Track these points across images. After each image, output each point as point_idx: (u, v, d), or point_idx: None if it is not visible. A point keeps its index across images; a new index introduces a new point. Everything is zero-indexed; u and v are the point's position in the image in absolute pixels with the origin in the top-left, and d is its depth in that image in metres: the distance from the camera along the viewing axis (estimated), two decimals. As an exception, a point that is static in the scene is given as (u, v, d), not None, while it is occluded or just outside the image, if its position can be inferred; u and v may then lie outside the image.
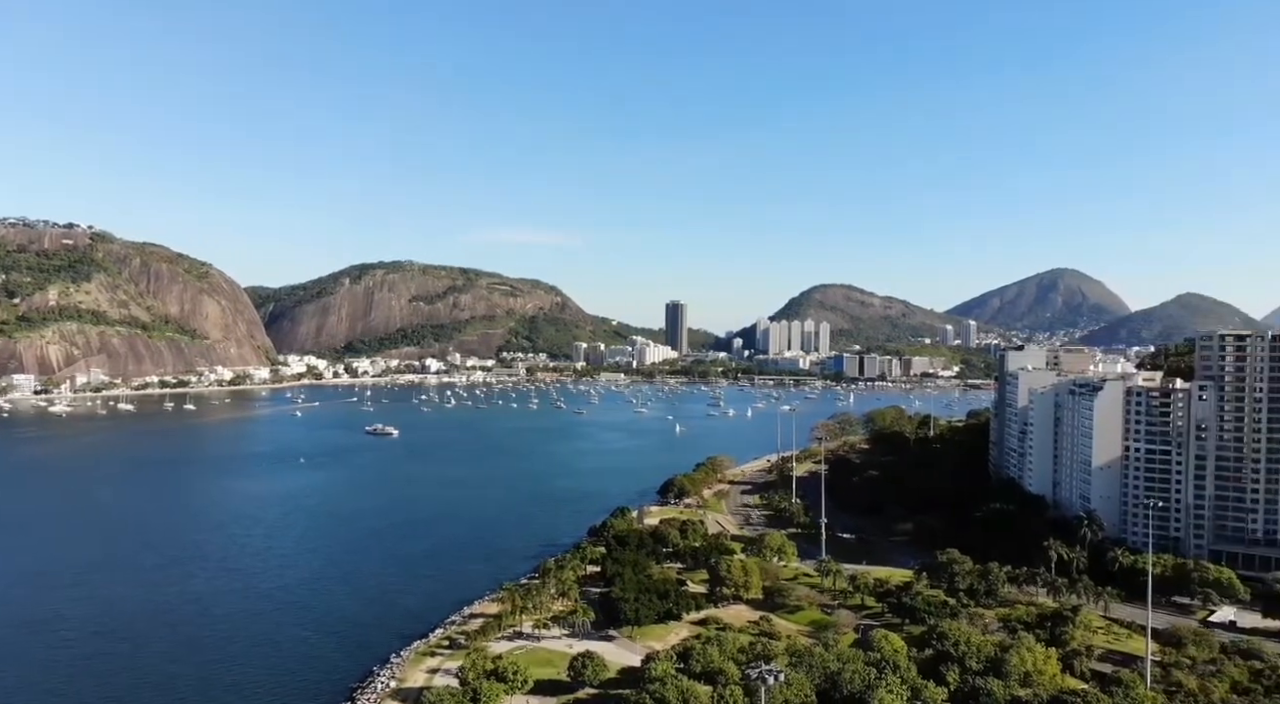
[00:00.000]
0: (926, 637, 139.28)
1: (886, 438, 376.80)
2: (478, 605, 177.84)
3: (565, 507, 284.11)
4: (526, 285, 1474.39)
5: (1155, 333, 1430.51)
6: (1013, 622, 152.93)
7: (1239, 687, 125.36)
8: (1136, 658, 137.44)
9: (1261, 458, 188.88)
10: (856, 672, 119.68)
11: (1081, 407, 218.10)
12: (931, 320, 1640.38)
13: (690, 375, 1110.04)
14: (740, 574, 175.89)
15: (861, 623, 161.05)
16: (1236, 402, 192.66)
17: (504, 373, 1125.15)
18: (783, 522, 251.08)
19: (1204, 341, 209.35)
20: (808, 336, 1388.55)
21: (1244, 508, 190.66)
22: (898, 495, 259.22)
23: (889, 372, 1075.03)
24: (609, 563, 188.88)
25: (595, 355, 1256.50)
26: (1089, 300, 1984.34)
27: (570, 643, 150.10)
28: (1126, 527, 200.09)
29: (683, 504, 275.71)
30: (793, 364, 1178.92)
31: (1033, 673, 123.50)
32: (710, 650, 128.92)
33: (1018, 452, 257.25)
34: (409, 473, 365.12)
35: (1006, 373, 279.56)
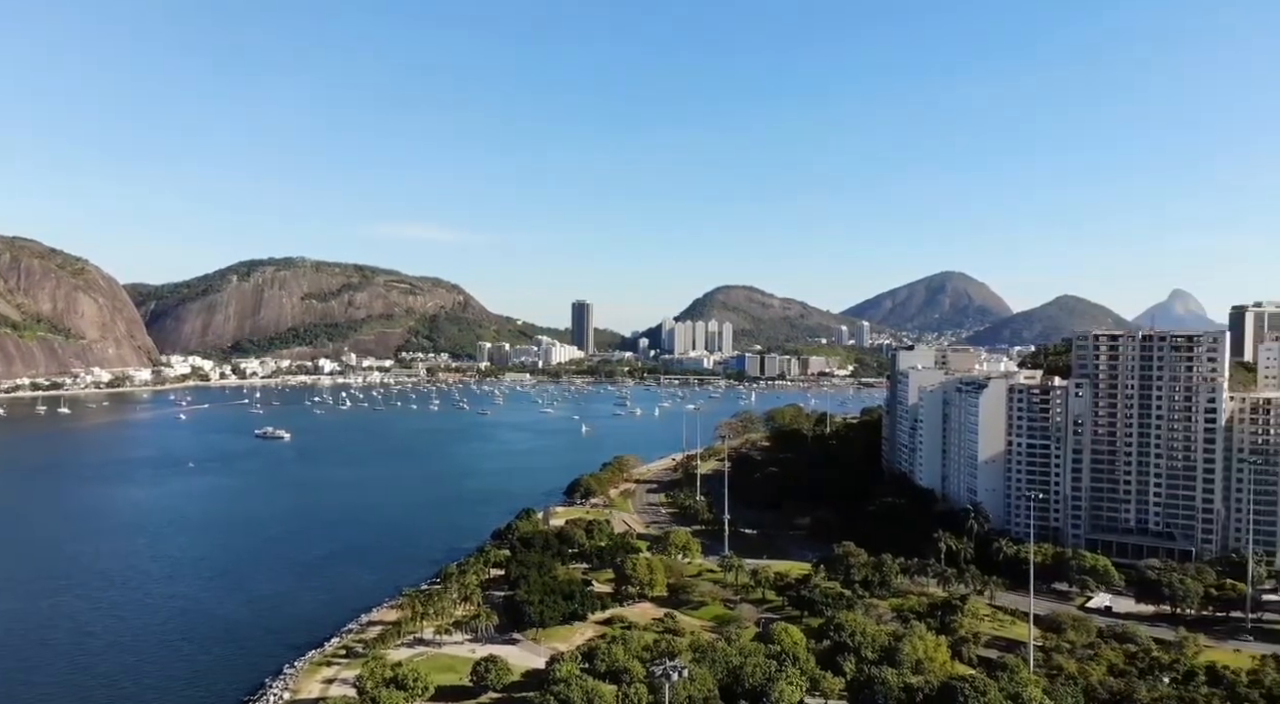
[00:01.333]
0: (824, 628, 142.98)
1: (786, 435, 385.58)
2: (376, 613, 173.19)
3: (468, 509, 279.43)
4: (427, 283, 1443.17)
5: (1035, 333, 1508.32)
6: (905, 611, 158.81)
7: (1115, 669, 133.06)
8: (1020, 643, 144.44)
9: (1133, 451, 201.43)
10: (758, 665, 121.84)
11: (967, 404, 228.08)
12: (828, 321, 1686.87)
13: (597, 375, 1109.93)
14: (646, 572, 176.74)
15: (763, 617, 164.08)
16: (1110, 398, 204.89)
17: (403, 373, 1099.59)
18: (688, 519, 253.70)
19: (1080, 341, 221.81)
20: (711, 337, 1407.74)
21: (1118, 498, 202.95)
22: (797, 491, 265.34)
23: (788, 371, 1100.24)
24: (513, 565, 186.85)
25: (500, 355, 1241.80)
26: (974, 302, 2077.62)
27: (473, 648, 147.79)
28: (1010, 518, 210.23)
29: (589, 504, 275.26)
30: (697, 364, 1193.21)
31: (924, 661, 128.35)
32: (615, 649, 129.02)
33: (909, 447, 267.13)
34: (303, 477, 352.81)
35: (898, 372, 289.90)
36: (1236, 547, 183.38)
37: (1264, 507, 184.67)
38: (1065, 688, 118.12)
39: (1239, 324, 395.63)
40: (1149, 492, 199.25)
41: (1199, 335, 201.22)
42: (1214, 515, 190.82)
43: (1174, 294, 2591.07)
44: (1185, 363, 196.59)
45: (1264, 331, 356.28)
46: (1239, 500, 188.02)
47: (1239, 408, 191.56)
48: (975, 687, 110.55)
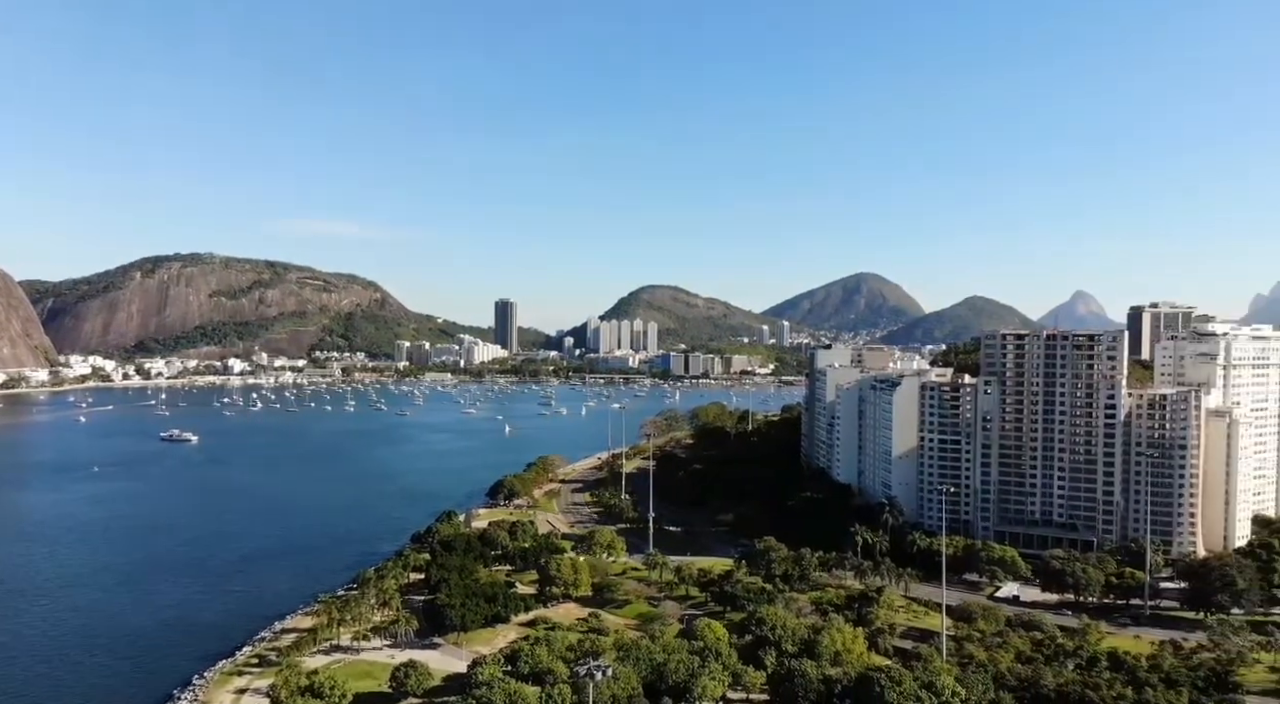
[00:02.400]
0: (746, 623, 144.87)
1: (710, 433, 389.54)
2: (290, 620, 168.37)
3: (387, 513, 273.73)
4: (342, 280, 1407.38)
5: (946, 332, 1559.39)
6: (824, 604, 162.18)
7: (1022, 656, 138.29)
8: (934, 633, 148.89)
9: (1038, 446, 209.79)
10: (681, 661, 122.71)
11: (882, 401, 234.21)
12: (750, 321, 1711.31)
13: (521, 374, 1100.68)
14: (570, 573, 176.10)
15: (686, 613, 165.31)
16: (1016, 395, 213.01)
17: (317, 373, 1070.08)
18: (613, 518, 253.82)
19: (988, 341, 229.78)
20: (637, 336, 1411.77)
21: (1024, 492, 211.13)
22: (720, 488, 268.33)
23: (712, 369, 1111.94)
24: (434, 569, 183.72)
25: (419, 354, 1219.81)
26: (889, 302, 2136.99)
27: (392, 653, 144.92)
28: (923, 511, 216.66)
29: (513, 505, 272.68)
30: (623, 363, 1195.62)
31: (843, 652, 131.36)
32: (539, 651, 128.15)
33: (826, 443, 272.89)
34: (212, 481, 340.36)
35: (816, 370, 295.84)
36: (1135, 536, 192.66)
37: (1160, 498, 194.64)
38: (976, 676, 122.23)
39: (1137, 324, 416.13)
40: (1053, 485, 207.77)
41: (1099, 335, 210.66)
42: (1114, 507, 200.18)
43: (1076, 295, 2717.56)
44: (1086, 361, 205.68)
45: (1160, 331, 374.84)
46: (1137, 492, 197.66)
47: (1136, 404, 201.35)
48: (891, 677, 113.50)
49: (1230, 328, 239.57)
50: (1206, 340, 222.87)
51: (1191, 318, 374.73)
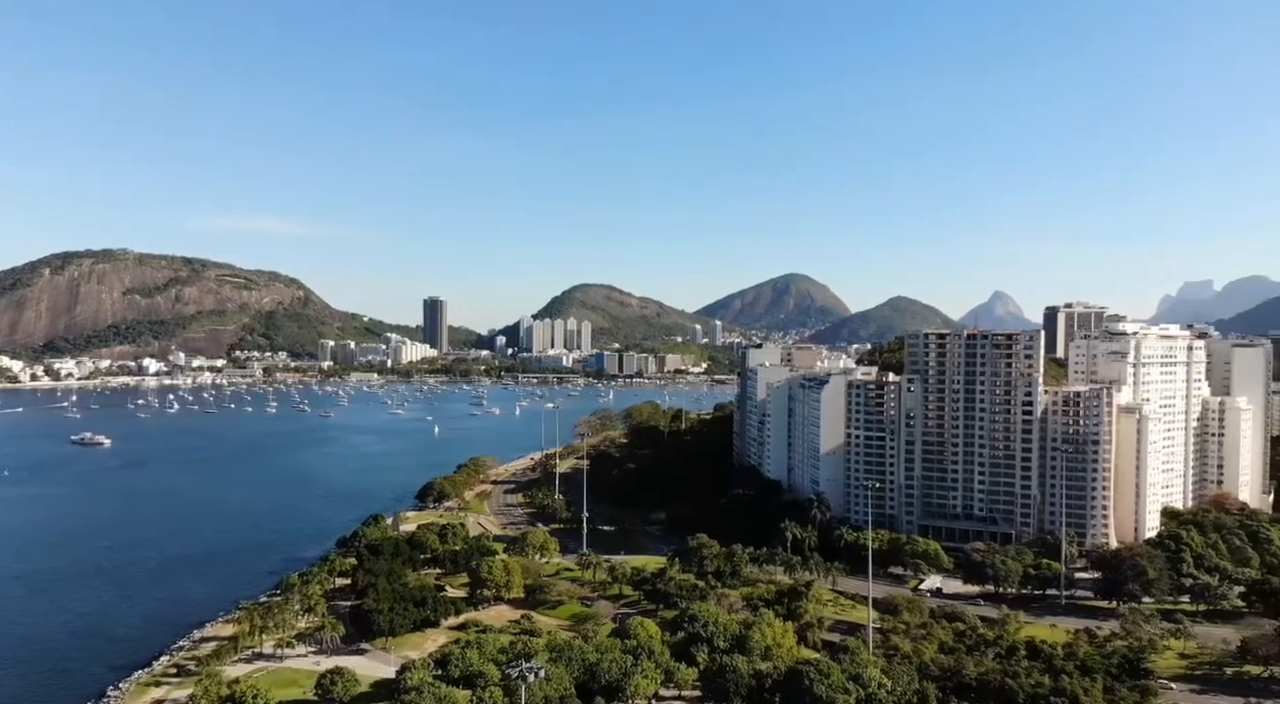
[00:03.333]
0: (679, 620, 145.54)
1: (644, 432, 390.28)
2: (210, 628, 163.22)
3: (311, 517, 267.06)
4: (263, 278, 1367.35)
5: (871, 332, 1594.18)
6: (755, 600, 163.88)
7: (945, 646, 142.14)
8: (861, 626, 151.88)
9: (959, 442, 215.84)
10: (614, 660, 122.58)
11: (810, 399, 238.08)
12: (683, 320, 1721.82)
13: (452, 374, 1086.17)
14: (502, 575, 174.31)
15: (620, 612, 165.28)
16: (939, 392, 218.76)
17: (237, 374, 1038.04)
18: (546, 518, 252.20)
19: (911, 340, 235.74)
20: (570, 335, 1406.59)
21: (946, 487, 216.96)
22: (654, 486, 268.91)
23: (646, 369, 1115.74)
24: (360, 574, 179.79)
25: (344, 354, 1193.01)
26: (816, 303, 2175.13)
27: (318, 660, 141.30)
28: (850, 506, 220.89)
29: (443, 508, 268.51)
30: (556, 362, 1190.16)
31: (773, 647, 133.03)
32: (470, 654, 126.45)
33: (757, 441, 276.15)
34: (126, 486, 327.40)
35: (747, 369, 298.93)
36: (1051, 529, 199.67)
37: (1074, 492, 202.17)
38: (901, 667, 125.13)
39: (1052, 323, 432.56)
40: (974, 479, 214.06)
41: (1017, 335, 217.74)
42: (1031, 500, 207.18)
43: (995, 296, 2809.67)
44: (1005, 360, 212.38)
45: (1074, 330, 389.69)
46: (1053, 486, 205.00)
47: (1052, 401, 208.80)
48: (820, 670, 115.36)
49: (1140, 327, 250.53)
50: (1117, 339, 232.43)
51: (1103, 318, 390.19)
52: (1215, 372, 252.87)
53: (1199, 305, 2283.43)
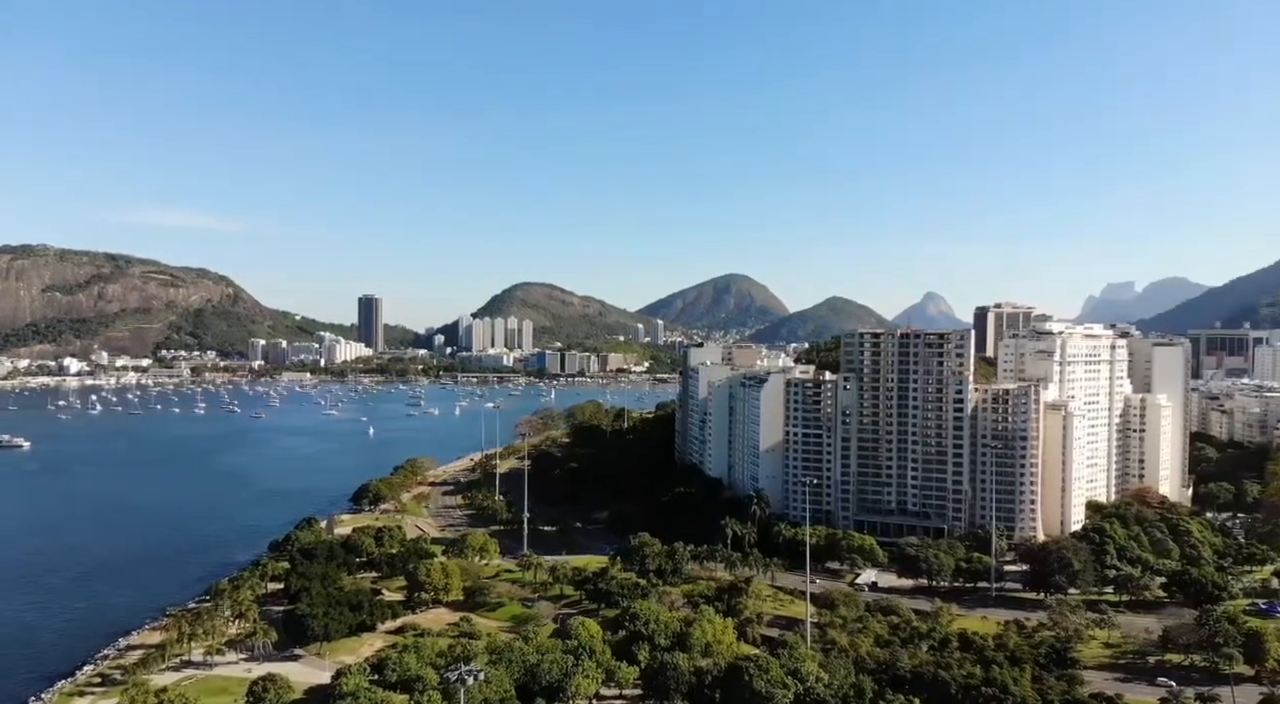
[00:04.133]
0: (620, 619, 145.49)
1: (586, 431, 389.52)
2: (137, 635, 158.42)
3: (242, 521, 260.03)
4: (191, 275, 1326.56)
5: (809, 331, 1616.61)
6: (696, 597, 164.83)
7: (880, 640, 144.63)
8: (799, 621, 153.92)
9: (893, 438, 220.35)
10: (555, 661, 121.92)
11: (750, 397, 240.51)
12: (625, 319, 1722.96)
13: (388, 374, 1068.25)
14: (440, 577, 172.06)
15: (561, 612, 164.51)
16: (873, 390, 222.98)
17: (163, 374, 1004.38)
18: (486, 520, 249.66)
19: (847, 339, 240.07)
20: (511, 334, 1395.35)
21: (881, 482, 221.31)
22: (596, 485, 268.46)
23: (588, 368, 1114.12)
24: (293, 578, 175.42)
25: (276, 353, 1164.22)
26: (756, 302, 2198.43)
27: (249, 667, 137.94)
28: (789, 503, 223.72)
29: (379, 510, 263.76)
30: (497, 361, 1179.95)
31: (713, 643, 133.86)
32: (407, 658, 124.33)
33: (699, 439, 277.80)
34: (47, 490, 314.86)
35: (689, 368, 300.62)
36: (982, 523, 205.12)
37: (1003, 486, 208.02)
38: (838, 661, 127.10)
39: (982, 323, 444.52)
40: (907, 475, 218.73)
41: (948, 334, 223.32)
42: (962, 495, 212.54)
43: (927, 296, 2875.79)
44: (937, 358, 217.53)
45: (1003, 330, 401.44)
46: (983, 481, 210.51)
47: (982, 398, 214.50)
48: (759, 665, 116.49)
49: (1065, 327, 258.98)
50: (1044, 339, 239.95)
51: (1031, 318, 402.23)
52: (1137, 370, 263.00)
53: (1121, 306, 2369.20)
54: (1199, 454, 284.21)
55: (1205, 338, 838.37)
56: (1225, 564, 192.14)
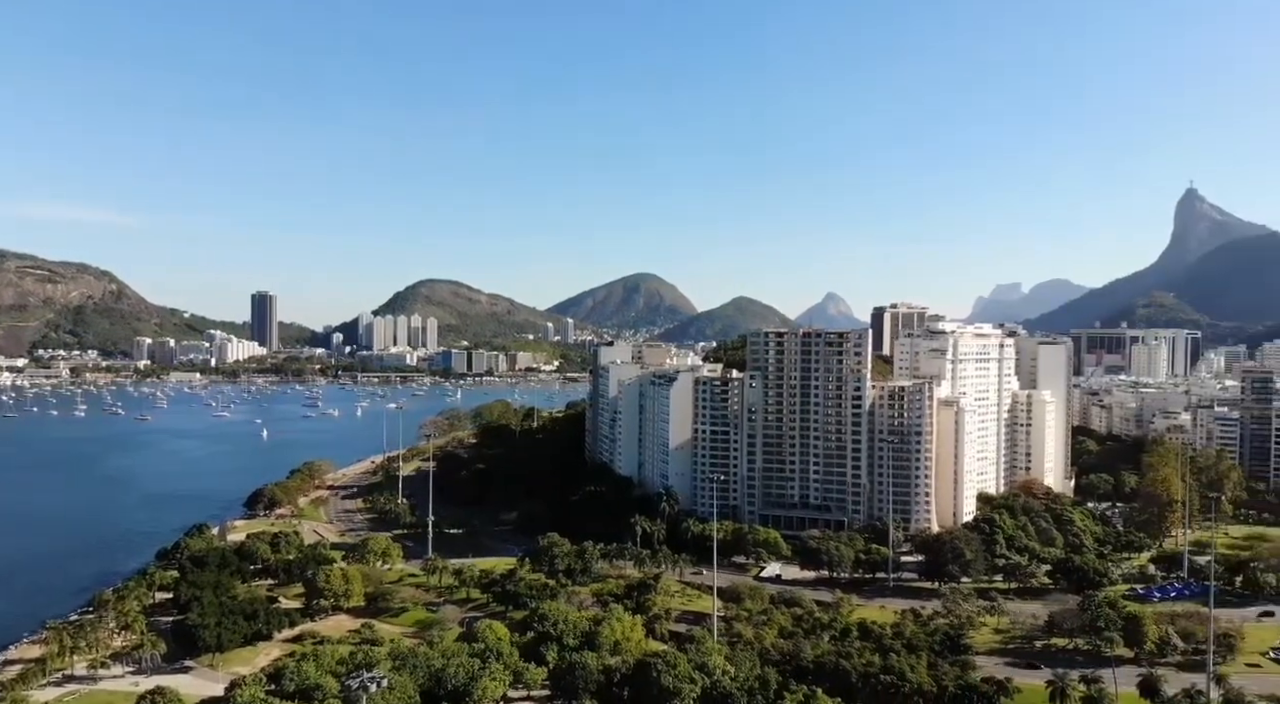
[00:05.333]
0: (529, 620, 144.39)
1: (494, 431, 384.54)
2: (14, 650, 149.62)
3: (127, 529, 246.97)
4: (70, 270, 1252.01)
5: (717, 330, 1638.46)
6: (605, 595, 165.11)
7: (784, 631, 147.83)
8: (706, 615, 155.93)
9: (796, 435, 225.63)
10: (461, 665, 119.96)
11: (660, 396, 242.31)
12: (534, 318, 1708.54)
13: (283, 374, 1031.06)
14: (340, 583, 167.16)
15: (467, 616, 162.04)
16: (777, 388, 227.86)
17: (40, 374, 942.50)
18: (389, 524, 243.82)
19: (753, 338, 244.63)
20: (415, 332, 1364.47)
21: (784, 477, 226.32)
22: (505, 486, 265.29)
23: (496, 367, 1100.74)
24: (183, 587, 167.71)
25: (163, 352, 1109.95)
26: (665, 301, 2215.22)
27: (137, 680, 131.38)
28: (697, 499, 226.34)
29: (275, 515, 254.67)
30: (399, 360, 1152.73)
31: (622, 641, 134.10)
32: (306, 666, 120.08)
33: (610, 438, 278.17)
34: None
35: (599, 367, 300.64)
36: (880, 515, 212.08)
37: (900, 480, 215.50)
38: (743, 654, 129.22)
39: (879, 323, 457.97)
40: (810, 470, 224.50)
41: (847, 333, 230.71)
42: (861, 489, 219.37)
43: (828, 297, 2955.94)
44: (837, 357, 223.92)
45: (899, 329, 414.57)
46: (880, 475, 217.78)
47: (879, 395, 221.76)
48: (667, 661, 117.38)
49: (957, 327, 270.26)
50: (937, 338, 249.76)
51: (925, 318, 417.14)
52: (1023, 367, 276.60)
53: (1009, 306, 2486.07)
54: (1080, 447, 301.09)
55: (1086, 337, 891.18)
56: (1105, 552, 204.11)
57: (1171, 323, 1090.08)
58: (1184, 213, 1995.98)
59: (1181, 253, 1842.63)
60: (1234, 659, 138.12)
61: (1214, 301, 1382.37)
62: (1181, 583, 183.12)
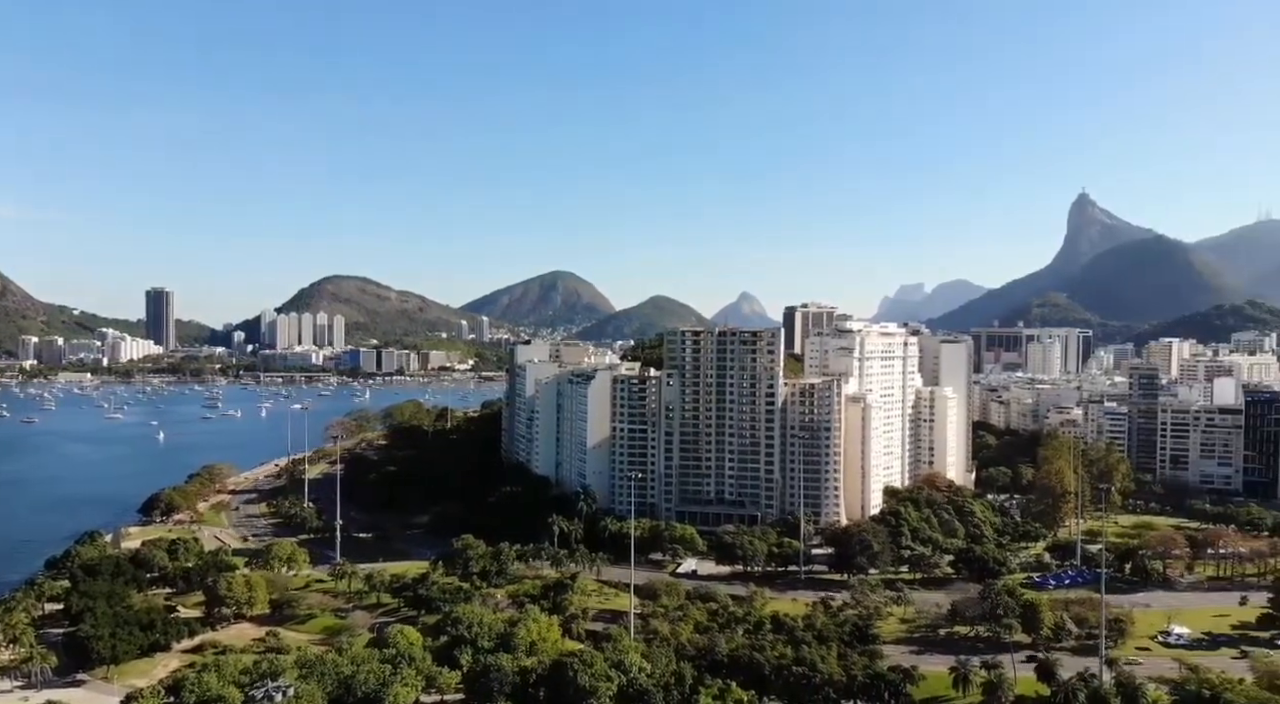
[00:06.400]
0: (442, 624, 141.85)
1: (405, 432, 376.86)
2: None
3: (12, 537, 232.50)
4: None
5: (634, 329, 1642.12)
6: (521, 596, 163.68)
7: (700, 626, 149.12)
8: (623, 613, 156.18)
9: (712, 432, 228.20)
10: (371, 671, 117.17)
11: (578, 394, 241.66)
12: (448, 315, 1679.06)
13: (181, 374, 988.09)
14: (243, 590, 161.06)
15: (377, 621, 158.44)
16: (694, 386, 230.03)
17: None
18: (294, 528, 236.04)
19: (670, 337, 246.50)
20: (321, 330, 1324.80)
21: (701, 473, 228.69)
22: (417, 488, 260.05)
23: (407, 366, 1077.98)
24: (75, 597, 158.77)
25: (51, 352, 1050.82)
26: (583, 300, 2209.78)
27: (26, 695, 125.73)
28: (615, 497, 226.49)
29: (173, 521, 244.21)
30: (305, 360, 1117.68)
31: (538, 642, 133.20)
32: (207, 678, 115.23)
33: (526, 437, 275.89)
34: None
35: (516, 365, 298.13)
36: (792, 510, 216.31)
37: (810, 475, 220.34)
38: (660, 650, 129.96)
39: (791, 322, 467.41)
40: (725, 466, 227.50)
41: (761, 332, 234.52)
42: (774, 484, 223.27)
43: (742, 296, 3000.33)
44: (750, 355, 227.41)
45: (809, 328, 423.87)
46: (792, 470, 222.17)
47: (791, 392, 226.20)
48: (583, 660, 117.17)
49: (864, 326, 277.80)
50: (845, 337, 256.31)
51: (834, 317, 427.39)
52: (926, 365, 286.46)
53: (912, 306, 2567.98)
54: (980, 441, 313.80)
55: (985, 336, 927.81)
56: (1004, 542, 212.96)
57: (1065, 322, 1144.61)
58: (1076, 217, 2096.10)
59: (1074, 255, 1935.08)
60: (1125, 643, 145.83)
61: (1104, 301, 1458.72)
62: (1075, 571, 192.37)
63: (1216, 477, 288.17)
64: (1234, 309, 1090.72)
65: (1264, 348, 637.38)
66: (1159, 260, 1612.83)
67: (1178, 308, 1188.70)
